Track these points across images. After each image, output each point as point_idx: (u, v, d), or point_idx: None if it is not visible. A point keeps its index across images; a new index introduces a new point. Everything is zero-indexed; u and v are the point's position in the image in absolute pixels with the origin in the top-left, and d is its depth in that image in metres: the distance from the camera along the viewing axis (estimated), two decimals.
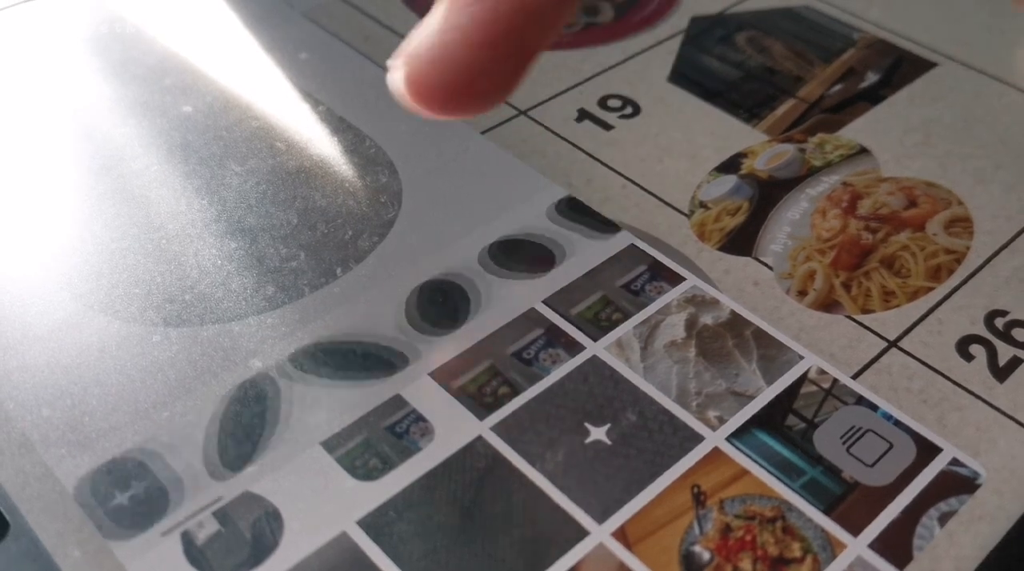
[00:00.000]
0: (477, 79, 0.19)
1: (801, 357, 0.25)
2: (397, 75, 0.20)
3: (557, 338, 0.25)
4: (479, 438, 0.23)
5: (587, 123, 0.32)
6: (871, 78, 0.34)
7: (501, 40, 0.19)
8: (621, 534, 0.21)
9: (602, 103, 0.33)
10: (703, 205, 0.29)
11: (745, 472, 0.22)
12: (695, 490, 0.22)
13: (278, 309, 0.25)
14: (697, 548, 0.21)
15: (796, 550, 0.21)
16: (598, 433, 0.23)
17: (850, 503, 0.22)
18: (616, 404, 0.23)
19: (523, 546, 0.21)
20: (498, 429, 0.23)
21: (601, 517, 0.21)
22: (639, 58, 0.35)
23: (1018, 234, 0.28)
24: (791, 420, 0.23)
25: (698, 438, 0.23)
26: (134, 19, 0.35)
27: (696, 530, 0.21)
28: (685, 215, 0.28)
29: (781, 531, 0.21)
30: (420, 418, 0.23)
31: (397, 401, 0.23)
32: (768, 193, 0.29)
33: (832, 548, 0.21)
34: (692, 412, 0.23)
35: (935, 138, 0.31)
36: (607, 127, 0.32)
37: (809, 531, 0.21)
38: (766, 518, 0.21)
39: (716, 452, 0.22)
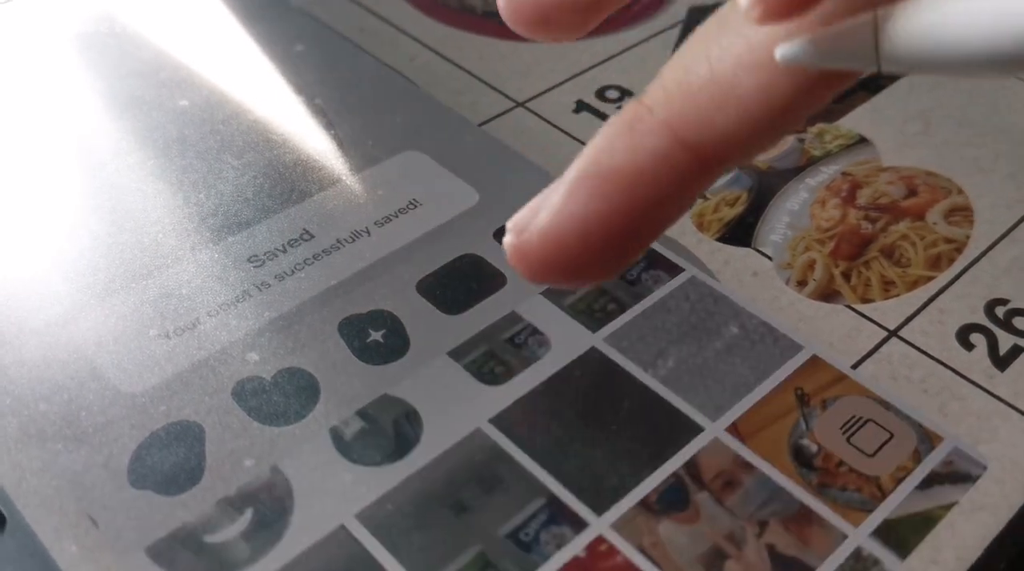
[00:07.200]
0: (583, 267, 0.19)
1: (801, 347, 0.24)
2: (507, 240, 0.20)
3: (657, 263, 0.26)
4: (592, 349, 0.24)
5: (585, 114, 0.32)
6: None
7: (618, 239, 0.18)
8: (734, 429, 0.23)
9: (600, 94, 0.32)
10: (702, 195, 0.29)
11: (843, 376, 0.24)
12: (799, 392, 0.23)
13: (274, 304, 0.25)
14: (805, 441, 0.23)
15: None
16: (700, 343, 0.24)
17: None
18: (718, 318, 0.25)
19: (643, 442, 0.22)
20: (611, 340, 0.25)
21: (715, 415, 0.23)
22: (637, 49, 0.34)
23: (1018, 223, 0.28)
24: None
25: (797, 348, 0.24)
26: (130, 14, 0.35)
27: (803, 426, 0.23)
28: None
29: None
30: (536, 331, 0.25)
31: (513, 317, 0.25)
32: (767, 183, 0.29)
33: (930, 440, 0.23)
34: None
35: (934, 127, 0.31)
36: (605, 118, 0.31)
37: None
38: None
39: (815, 359, 0.24)
